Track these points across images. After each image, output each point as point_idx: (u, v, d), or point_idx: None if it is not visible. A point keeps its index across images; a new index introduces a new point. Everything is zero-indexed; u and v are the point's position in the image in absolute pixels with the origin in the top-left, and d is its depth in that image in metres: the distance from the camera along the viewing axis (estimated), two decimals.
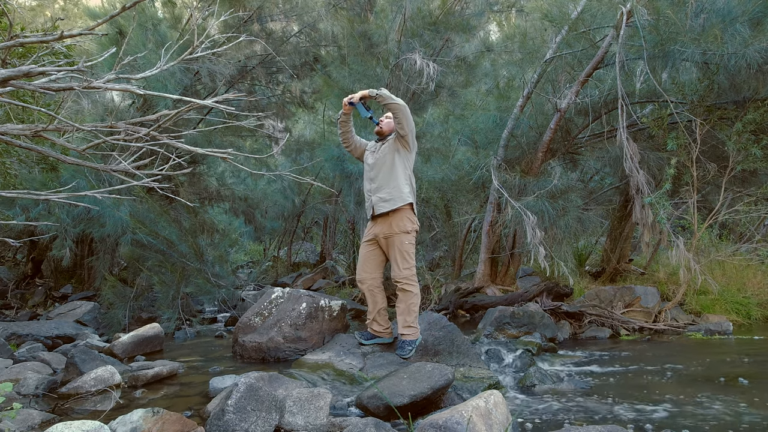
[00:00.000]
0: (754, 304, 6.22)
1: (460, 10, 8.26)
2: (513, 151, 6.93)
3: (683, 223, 6.99)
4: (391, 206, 3.79)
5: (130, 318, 6.13)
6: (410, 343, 3.78)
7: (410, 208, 3.85)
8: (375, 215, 3.90)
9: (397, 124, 3.78)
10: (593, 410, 3.28)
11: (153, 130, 3.13)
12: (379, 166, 3.92)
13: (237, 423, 2.52)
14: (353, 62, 7.84)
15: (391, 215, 3.82)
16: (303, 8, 9.15)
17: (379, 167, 3.92)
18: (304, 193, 11.18)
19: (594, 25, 6.20)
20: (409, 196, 3.84)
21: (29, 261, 8.78)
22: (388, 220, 3.83)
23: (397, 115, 3.74)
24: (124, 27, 7.22)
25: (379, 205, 3.84)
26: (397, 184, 3.82)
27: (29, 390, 3.31)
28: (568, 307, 5.87)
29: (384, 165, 3.89)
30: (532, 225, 5.71)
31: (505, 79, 7.69)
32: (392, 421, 2.83)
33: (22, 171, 6.92)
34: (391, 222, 3.81)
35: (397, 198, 3.79)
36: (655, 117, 6.00)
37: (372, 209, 3.91)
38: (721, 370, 4.12)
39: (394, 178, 3.83)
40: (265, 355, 4.16)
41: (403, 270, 3.76)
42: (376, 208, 3.87)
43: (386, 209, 3.81)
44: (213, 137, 8.29)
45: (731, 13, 4.93)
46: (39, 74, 2.96)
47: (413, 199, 3.89)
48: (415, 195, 3.97)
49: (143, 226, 6.14)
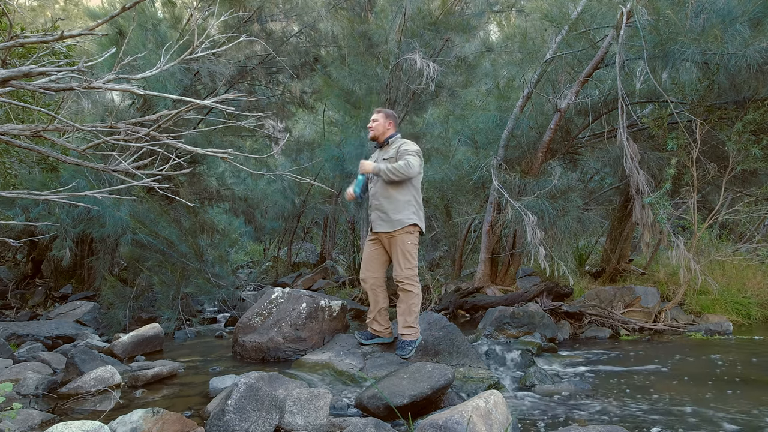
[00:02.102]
0: (754, 304, 6.22)
1: (460, 10, 8.26)
2: (513, 151, 6.93)
3: (683, 223, 6.99)
4: (389, 228, 3.76)
5: (130, 318, 6.13)
6: (410, 344, 3.78)
7: (411, 227, 3.76)
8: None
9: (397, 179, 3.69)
10: (593, 410, 3.28)
11: (153, 130, 3.13)
12: (375, 180, 3.88)
13: (237, 423, 2.52)
14: (353, 62, 7.83)
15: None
16: (303, 8, 9.15)
17: (375, 181, 3.88)
18: (304, 193, 11.18)
19: (594, 25, 6.20)
20: (410, 218, 3.74)
21: (29, 261, 8.78)
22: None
23: (397, 178, 3.65)
24: (124, 27, 7.22)
25: (377, 222, 3.83)
26: (395, 207, 3.74)
27: (29, 390, 3.31)
28: (568, 307, 5.87)
29: (379, 180, 3.83)
30: (532, 225, 5.71)
31: (505, 79, 7.69)
32: (392, 421, 2.83)
33: (22, 171, 6.91)
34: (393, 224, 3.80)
35: (395, 221, 3.73)
36: (655, 117, 6.00)
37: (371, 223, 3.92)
38: (721, 370, 4.12)
39: (393, 200, 3.74)
40: (265, 355, 4.16)
41: (405, 270, 3.74)
42: (374, 225, 3.86)
43: (384, 229, 3.78)
44: (213, 137, 8.29)
45: (731, 13, 4.93)
46: (39, 74, 2.96)
47: (418, 219, 3.78)
48: (421, 211, 3.84)
49: (143, 226, 6.13)
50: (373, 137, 3.95)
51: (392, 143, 3.89)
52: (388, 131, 3.92)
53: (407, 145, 3.79)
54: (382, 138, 3.93)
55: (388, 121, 3.91)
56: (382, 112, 3.93)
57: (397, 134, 3.94)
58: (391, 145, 3.88)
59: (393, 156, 3.80)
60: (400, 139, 3.90)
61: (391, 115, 3.93)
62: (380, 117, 3.91)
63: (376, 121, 3.91)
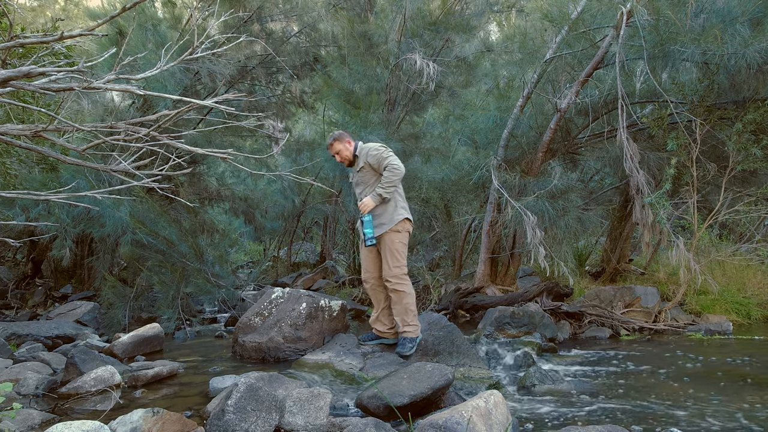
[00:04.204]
0: (754, 304, 6.22)
1: (460, 10, 8.27)
2: (513, 151, 6.93)
3: (683, 223, 6.99)
4: (383, 230, 3.82)
5: (130, 318, 6.13)
6: (411, 340, 3.78)
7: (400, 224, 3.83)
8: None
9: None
10: (593, 410, 3.28)
11: (153, 131, 3.13)
12: (362, 188, 3.94)
13: (237, 423, 2.52)
14: (353, 62, 7.84)
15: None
16: (303, 8, 9.15)
17: (362, 189, 3.95)
18: (304, 193, 11.18)
19: (594, 25, 6.20)
20: (399, 214, 3.83)
21: (29, 261, 8.78)
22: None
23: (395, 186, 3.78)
24: (124, 27, 7.22)
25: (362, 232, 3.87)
26: (383, 209, 3.83)
27: (29, 390, 3.31)
28: (568, 307, 5.87)
29: (367, 188, 3.90)
30: (532, 225, 5.71)
31: (505, 79, 7.68)
32: (392, 421, 2.83)
33: (22, 171, 6.91)
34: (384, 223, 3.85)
35: (387, 222, 3.81)
36: (655, 117, 6.00)
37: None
38: (721, 370, 4.12)
39: (380, 204, 3.82)
40: (265, 355, 4.16)
41: (393, 268, 3.76)
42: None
43: (377, 233, 3.83)
44: (213, 137, 8.29)
45: (731, 13, 4.93)
46: (39, 75, 2.96)
47: (406, 212, 3.87)
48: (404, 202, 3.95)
49: (143, 226, 6.13)
50: (348, 163, 4.01)
51: (359, 153, 3.95)
52: (351, 148, 3.97)
53: (372, 150, 3.86)
54: (352, 158, 3.99)
55: (344, 142, 3.96)
56: (334, 140, 3.97)
57: (356, 144, 3.99)
58: (360, 155, 3.94)
59: (364, 165, 3.89)
60: (361, 147, 3.96)
61: (343, 136, 3.98)
62: (338, 145, 3.95)
63: (339, 151, 3.96)
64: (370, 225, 3.78)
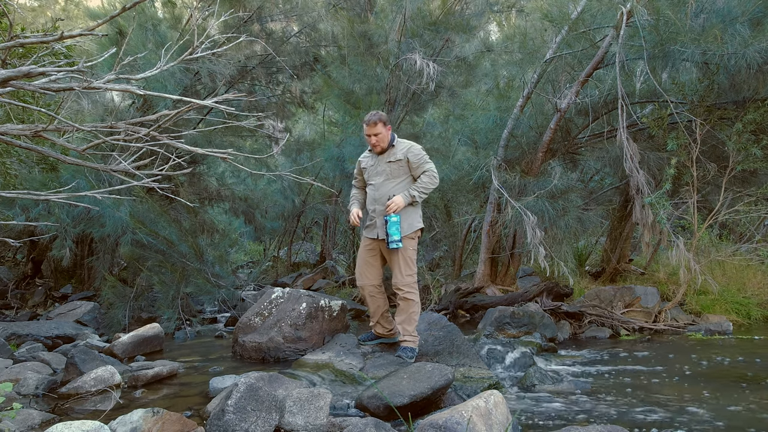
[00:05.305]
0: (754, 304, 6.22)
1: (460, 10, 8.26)
2: (513, 151, 6.93)
3: (683, 223, 6.99)
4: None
5: (130, 318, 6.13)
6: (412, 350, 3.74)
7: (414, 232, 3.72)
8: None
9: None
10: (593, 410, 3.28)
11: (153, 130, 3.13)
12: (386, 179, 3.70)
13: (237, 423, 2.52)
14: (353, 62, 7.83)
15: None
16: (303, 8, 9.15)
17: (384, 180, 3.70)
18: (304, 193, 11.18)
19: (594, 25, 6.20)
20: (418, 222, 3.71)
21: (29, 261, 8.77)
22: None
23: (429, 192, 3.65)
24: (124, 27, 7.22)
25: (383, 229, 3.63)
26: (407, 214, 3.63)
27: (29, 390, 3.31)
28: (568, 307, 5.87)
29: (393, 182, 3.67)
30: (532, 225, 5.71)
31: (505, 79, 7.69)
32: (392, 421, 2.83)
33: (22, 171, 6.91)
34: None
35: (406, 228, 3.63)
36: (655, 117, 6.00)
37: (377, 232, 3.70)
38: (721, 370, 4.12)
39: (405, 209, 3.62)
40: (265, 355, 4.16)
41: (405, 276, 3.64)
42: (380, 232, 3.68)
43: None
44: (213, 137, 8.28)
45: (731, 13, 4.93)
46: (39, 75, 2.96)
47: (422, 221, 3.75)
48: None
49: (143, 226, 6.13)
50: (380, 150, 3.71)
51: (396, 144, 3.73)
52: (389, 136, 3.73)
53: (415, 149, 3.67)
54: (386, 145, 3.73)
55: (388, 128, 3.69)
56: (379, 120, 3.63)
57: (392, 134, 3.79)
58: (396, 147, 3.72)
59: (402, 158, 3.66)
60: (398, 140, 3.77)
61: (387, 119, 3.71)
62: (382, 128, 3.63)
63: (379, 134, 3.64)
64: (396, 226, 3.51)
